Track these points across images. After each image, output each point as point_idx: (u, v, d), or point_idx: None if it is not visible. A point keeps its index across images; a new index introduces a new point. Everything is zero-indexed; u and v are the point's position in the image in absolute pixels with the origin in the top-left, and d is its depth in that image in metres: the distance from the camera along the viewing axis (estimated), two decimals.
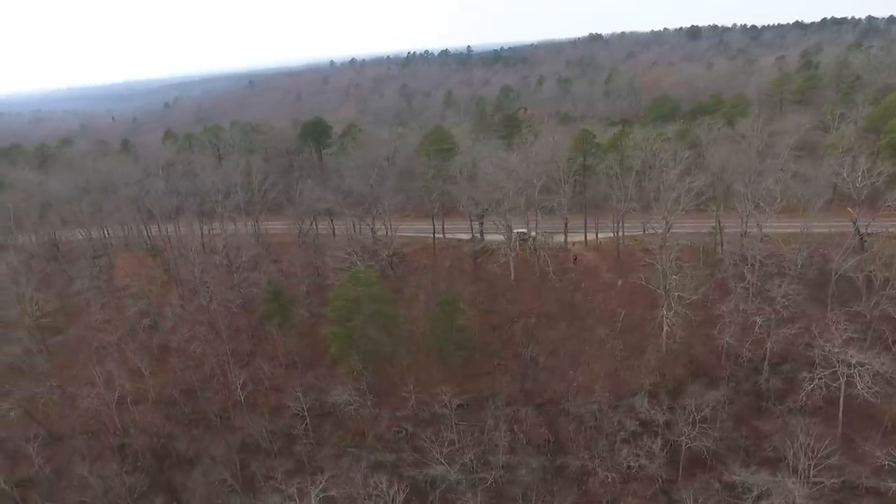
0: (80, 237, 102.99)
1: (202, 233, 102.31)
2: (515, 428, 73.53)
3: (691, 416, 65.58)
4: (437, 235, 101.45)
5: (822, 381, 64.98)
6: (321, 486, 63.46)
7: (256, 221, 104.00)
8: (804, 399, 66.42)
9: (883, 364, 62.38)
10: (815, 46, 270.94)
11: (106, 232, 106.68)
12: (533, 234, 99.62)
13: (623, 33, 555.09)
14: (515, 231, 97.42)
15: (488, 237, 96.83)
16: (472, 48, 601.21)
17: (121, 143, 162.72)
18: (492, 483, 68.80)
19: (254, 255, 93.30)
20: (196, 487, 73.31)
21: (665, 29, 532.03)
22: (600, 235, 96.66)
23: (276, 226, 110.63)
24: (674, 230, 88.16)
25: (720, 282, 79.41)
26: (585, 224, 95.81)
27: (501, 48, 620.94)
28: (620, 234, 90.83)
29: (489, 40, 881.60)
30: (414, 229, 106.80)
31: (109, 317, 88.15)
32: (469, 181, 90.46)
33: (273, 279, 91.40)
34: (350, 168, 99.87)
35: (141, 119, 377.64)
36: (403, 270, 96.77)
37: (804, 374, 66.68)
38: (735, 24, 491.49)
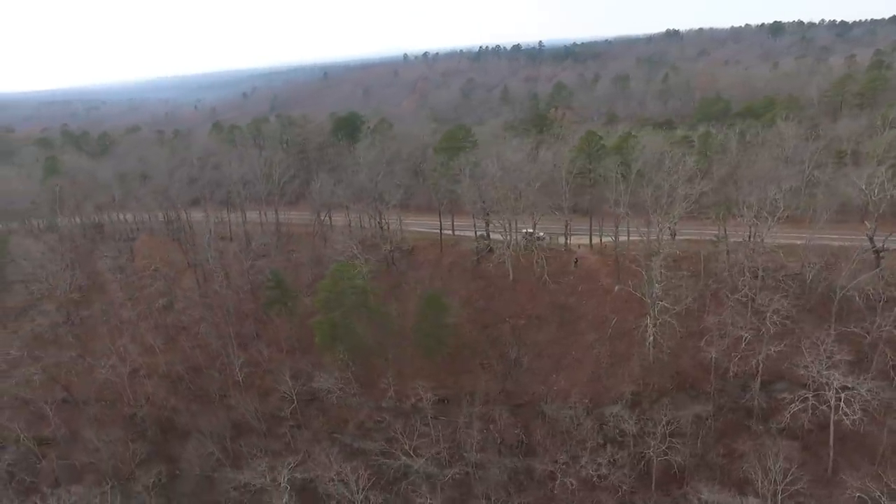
0: (114, 221, 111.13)
1: (223, 220, 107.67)
2: (492, 427, 73.96)
3: (662, 429, 63.80)
4: (447, 233, 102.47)
5: (809, 403, 61.77)
6: (290, 468, 66.80)
7: (276, 212, 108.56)
8: (788, 421, 63.08)
9: (871, 391, 58.24)
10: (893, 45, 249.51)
11: (135, 217, 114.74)
12: (540, 234, 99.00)
13: (701, 30, 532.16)
14: (524, 231, 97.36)
15: (496, 236, 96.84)
16: (545, 43, 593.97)
17: (173, 133, 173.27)
18: (460, 479, 69.80)
19: (265, 243, 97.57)
20: (190, 458, 78.39)
21: (747, 25, 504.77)
22: (606, 239, 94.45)
23: (295, 216, 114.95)
24: (678, 237, 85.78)
25: (715, 293, 76.12)
26: (591, 227, 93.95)
27: (574, 44, 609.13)
28: (623, 238, 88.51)
29: (564, 35, 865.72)
30: (427, 225, 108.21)
31: (130, 296, 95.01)
32: (471, 179, 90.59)
33: (280, 268, 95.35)
34: (360, 164, 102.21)
35: (220, 108, 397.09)
36: (406, 265, 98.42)
37: (785, 395, 63.26)
38: (822, 20, 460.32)
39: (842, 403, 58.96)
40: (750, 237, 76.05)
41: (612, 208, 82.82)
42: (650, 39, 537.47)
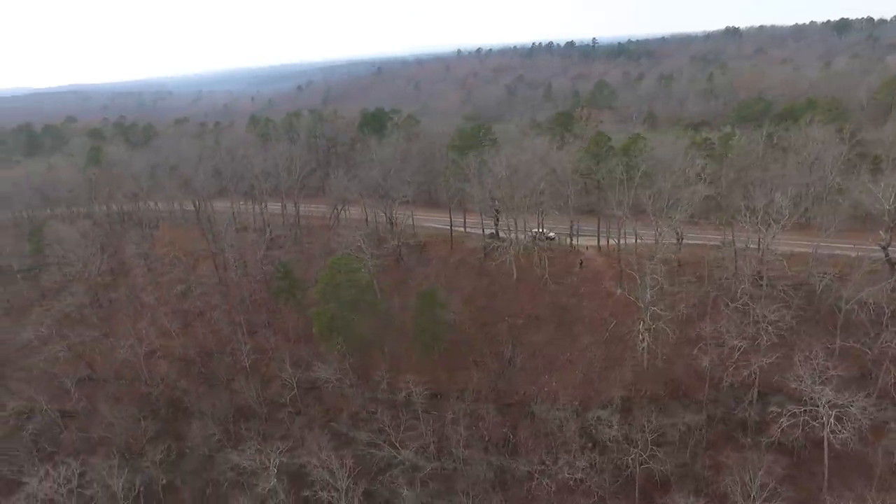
0: (142, 209, 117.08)
1: (244, 211, 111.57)
2: (480, 424, 74.50)
3: (645, 436, 62.82)
4: (459, 230, 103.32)
5: (801, 419, 59.50)
6: (279, 452, 69.31)
7: (295, 204, 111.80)
8: (778, 436, 61.04)
9: (863, 409, 55.71)
10: None
11: (160, 206, 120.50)
12: (551, 234, 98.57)
13: (762, 27, 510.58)
14: (535, 231, 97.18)
15: (505, 235, 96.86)
16: (600, 40, 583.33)
17: (213, 125, 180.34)
18: (445, 473, 70.73)
19: (282, 235, 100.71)
20: (195, 438, 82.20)
21: (811, 22, 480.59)
22: (614, 241, 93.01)
23: (314, 209, 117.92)
24: (686, 241, 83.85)
25: (714, 300, 74.03)
26: (598, 228, 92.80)
27: (629, 41, 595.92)
28: (632, 241, 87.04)
29: (620, 32, 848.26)
30: (443, 222, 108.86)
31: (151, 281, 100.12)
32: (478, 178, 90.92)
33: (293, 259, 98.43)
34: (374, 159, 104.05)
35: (275, 100, 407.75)
36: (414, 261, 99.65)
37: (777, 409, 61.12)
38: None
39: (832, 421, 56.65)
40: (755, 243, 73.69)
41: (613, 210, 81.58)
42: (708, 37, 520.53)
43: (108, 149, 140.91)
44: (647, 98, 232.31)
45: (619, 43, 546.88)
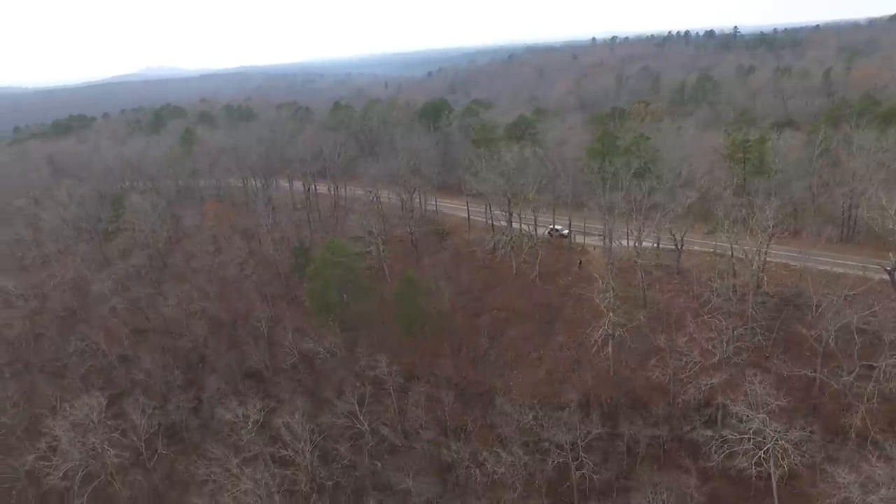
0: (204, 185, 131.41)
1: (287, 190, 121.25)
2: (445, 409, 77.36)
3: (580, 442, 62.44)
4: (485, 221, 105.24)
5: (743, 447, 55.92)
6: (257, 409, 77.46)
7: (336, 186, 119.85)
8: (719, 461, 57.78)
9: (796, 442, 51.58)
10: None
11: (220, 182, 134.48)
12: (564, 231, 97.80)
13: None
14: (549, 227, 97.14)
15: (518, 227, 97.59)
16: (742, 29, 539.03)
17: (305, 109, 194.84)
18: (401, 450, 74.88)
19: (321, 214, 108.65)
20: (210, 390, 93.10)
21: None
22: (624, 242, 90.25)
23: (360, 192, 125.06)
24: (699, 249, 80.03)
25: (683, 312, 70.32)
26: (605, 227, 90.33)
27: (775, 30, 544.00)
28: (632, 243, 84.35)
29: (772, 21, 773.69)
30: (473, 212, 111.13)
31: (200, 249, 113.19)
32: (486, 171, 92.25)
33: (322, 238, 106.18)
34: (398, 149, 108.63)
35: (404, 86, 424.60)
36: (431, 248, 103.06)
37: (726, 432, 57.73)
38: None
39: (772, 450, 52.78)
40: (761, 253, 68.71)
41: (603, 208, 79.65)
42: (871, 23, 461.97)
43: (199, 130, 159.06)
44: (751, 93, 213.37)
45: (762, 32, 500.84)
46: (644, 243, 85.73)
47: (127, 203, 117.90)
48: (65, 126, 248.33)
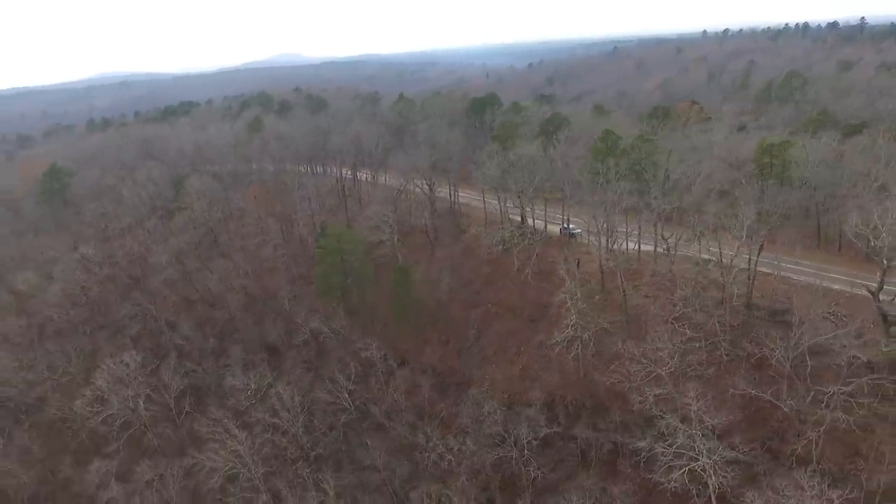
0: (253, 171, 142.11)
1: (327, 177, 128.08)
2: (425, 396, 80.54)
3: (527, 440, 63.46)
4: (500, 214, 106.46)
5: (682, 462, 54.61)
6: (256, 379, 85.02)
7: (371, 174, 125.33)
8: (659, 475, 56.62)
9: (731, 468, 49.72)
10: None
11: (270, 168, 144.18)
12: (577, 230, 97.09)
13: None
14: (563, 225, 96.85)
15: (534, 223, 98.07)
16: (871, 20, 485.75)
17: (370, 101, 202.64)
18: (379, 429, 79.15)
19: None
20: (235, 359, 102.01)
21: None
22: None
23: (394, 181, 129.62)
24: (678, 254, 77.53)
25: (650, 320, 68.25)
26: (608, 228, 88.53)
27: None
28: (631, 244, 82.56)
29: None
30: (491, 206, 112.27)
31: (240, 230, 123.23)
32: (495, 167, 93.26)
33: (340, 222, 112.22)
34: (421, 142, 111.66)
35: (506, 77, 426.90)
36: (448, 239, 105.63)
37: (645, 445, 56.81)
38: None
39: (704, 467, 51.23)
40: (739, 259, 65.75)
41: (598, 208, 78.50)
42: None
43: (268, 118, 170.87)
44: (840, 93, 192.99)
45: (893, 23, 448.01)
46: (645, 247, 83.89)
47: (187, 184, 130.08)
48: (171, 112, 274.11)
